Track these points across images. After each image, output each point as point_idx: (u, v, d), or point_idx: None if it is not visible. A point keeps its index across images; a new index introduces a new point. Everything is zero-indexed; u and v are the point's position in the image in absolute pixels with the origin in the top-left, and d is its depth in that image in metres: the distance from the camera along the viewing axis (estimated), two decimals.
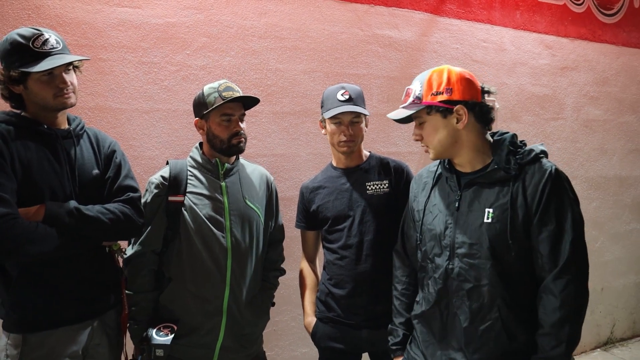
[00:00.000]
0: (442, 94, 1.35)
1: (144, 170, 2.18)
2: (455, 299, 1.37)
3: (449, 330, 1.39)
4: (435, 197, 1.47)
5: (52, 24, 2.00)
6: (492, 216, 1.32)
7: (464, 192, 1.39)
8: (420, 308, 1.48)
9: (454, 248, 1.37)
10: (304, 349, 2.56)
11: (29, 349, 1.37)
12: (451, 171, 1.44)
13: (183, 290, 1.64)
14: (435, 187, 1.48)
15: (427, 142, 1.41)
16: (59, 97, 1.42)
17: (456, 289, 1.37)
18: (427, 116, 1.38)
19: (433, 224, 1.44)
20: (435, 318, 1.43)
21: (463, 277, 1.35)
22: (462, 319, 1.36)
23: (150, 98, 2.23)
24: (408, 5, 2.88)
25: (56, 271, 1.41)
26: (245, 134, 1.72)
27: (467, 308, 1.34)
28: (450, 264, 1.38)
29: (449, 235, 1.39)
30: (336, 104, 1.77)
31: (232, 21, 2.38)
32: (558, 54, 3.47)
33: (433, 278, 1.42)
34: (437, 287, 1.41)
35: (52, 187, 1.40)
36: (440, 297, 1.41)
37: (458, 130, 1.37)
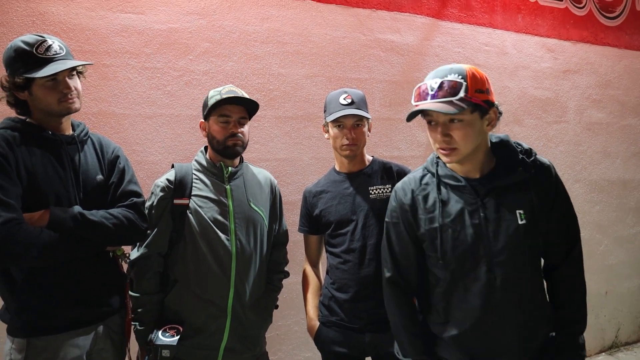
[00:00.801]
0: (484, 92, 1.26)
1: (147, 175, 2.19)
2: (502, 308, 1.29)
3: (500, 340, 1.31)
4: (449, 209, 1.35)
5: (56, 31, 2.02)
6: (523, 217, 1.29)
7: (486, 199, 1.32)
8: (459, 328, 1.34)
9: (492, 257, 1.29)
10: (307, 354, 2.55)
11: (33, 353, 1.37)
12: (458, 179, 1.35)
13: (188, 292, 1.65)
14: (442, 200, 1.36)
15: (460, 144, 1.27)
16: (63, 102, 1.43)
17: (502, 298, 1.29)
18: (469, 115, 1.26)
19: (459, 239, 1.32)
20: (477, 336, 1.32)
21: (508, 285, 1.29)
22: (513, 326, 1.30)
23: (154, 103, 2.24)
24: (410, 10, 2.89)
25: (60, 276, 1.41)
26: (243, 138, 1.71)
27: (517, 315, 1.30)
28: (491, 274, 1.29)
29: (483, 246, 1.30)
30: (338, 107, 1.78)
31: (235, 26, 2.40)
32: (560, 57, 3.47)
33: (471, 293, 1.32)
34: (479, 302, 1.30)
35: (56, 193, 1.41)
36: (484, 310, 1.30)
37: (484, 133, 1.31)
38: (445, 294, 1.38)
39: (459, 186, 1.35)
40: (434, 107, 1.26)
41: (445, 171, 1.38)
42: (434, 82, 1.28)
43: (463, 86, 1.25)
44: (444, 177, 1.38)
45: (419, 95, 1.32)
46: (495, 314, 1.30)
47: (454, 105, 1.24)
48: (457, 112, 1.24)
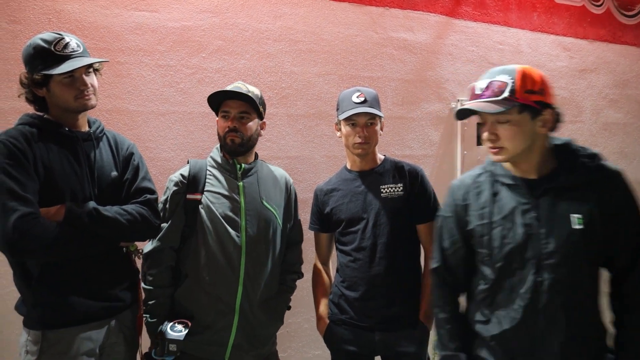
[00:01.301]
0: (536, 93, 1.25)
1: (160, 171, 2.21)
2: (548, 312, 1.27)
3: (541, 346, 1.28)
4: (502, 207, 1.34)
5: (71, 28, 2.04)
6: (581, 222, 1.25)
7: (540, 200, 1.30)
8: (499, 327, 1.33)
9: (542, 260, 1.27)
10: (317, 351, 2.56)
11: (47, 345, 1.39)
12: (514, 178, 1.34)
13: (197, 287, 1.66)
14: (495, 197, 1.36)
15: (506, 142, 1.28)
16: (80, 99, 1.45)
17: (549, 302, 1.27)
18: (517, 115, 1.26)
19: (508, 238, 1.31)
20: (522, 336, 1.30)
21: (557, 289, 1.26)
22: (558, 332, 1.27)
23: (167, 100, 2.26)
24: (423, 8, 2.87)
25: (75, 271, 1.43)
26: (242, 134, 1.68)
27: (565, 319, 1.26)
28: (539, 277, 1.27)
29: (532, 247, 1.28)
30: (351, 105, 1.78)
31: (247, 24, 2.40)
32: (576, 56, 3.42)
33: (517, 294, 1.30)
34: (523, 304, 1.29)
35: (72, 189, 1.43)
36: (528, 313, 1.29)
37: (537, 134, 1.29)
38: (490, 292, 1.37)
39: (513, 185, 1.34)
40: (477, 106, 1.28)
41: (501, 170, 1.38)
42: (483, 82, 1.31)
43: (509, 87, 1.25)
44: (499, 175, 1.37)
45: (470, 95, 1.35)
46: (540, 318, 1.28)
47: (497, 104, 1.25)
48: (499, 111, 1.24)
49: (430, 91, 2.91)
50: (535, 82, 1.27)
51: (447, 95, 2.96)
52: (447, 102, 2.96)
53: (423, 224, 1.85)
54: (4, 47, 1.97)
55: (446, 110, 2.96)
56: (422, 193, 1.86)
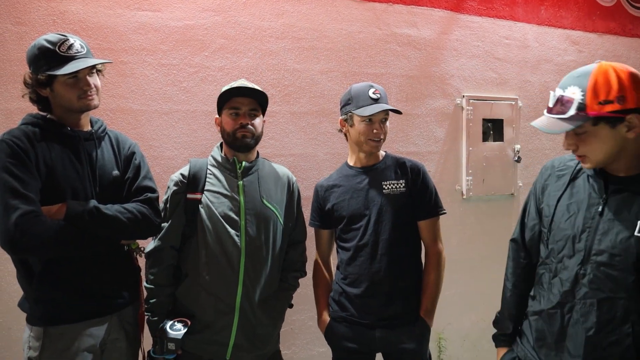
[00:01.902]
0: (612, 102, 1.19)
1: (163, 170, 2.23)
2: (582, 305, 1.29)
3: (569, 335, 1.32)
4: (573, 194, 1.36)
5: (75, 29, 2.07)
6: None
7: (611, 197, 1.28)
8: (539, 305, 1.40)
9: (590, 254, 1.28)
10: (321, 349, 2.56)
11: (49, 341, 1.42)
12: (597, 171, 1.32)
13: (198, 286, 1.67)
14: (573, 183, 1.37)
15: (587, 152, 1.27)
16: (83, 99, 1.47)
17: (585, 295, 1.28)
18: (591, 127, 1.23)
19: (567, 224, 1.34)
20: (555, 319, 1.35)
21: (596, 286, 1.27)
22: (586, 327, 1.28)
23: (170, 99, 2.27)
24: (427, 3, 2.84)
25: (77, 268, 1.46)
26: (253, 130, 1.70)
27: (596, 318, 1.26)
28: (583, 269, 1.29)
29: (585, 239, 1.30)
30: (369, 102, 1.77)
31: (250, 22, 2.41)
32: (585, 50, 3.36)
33: (559, 278, 1.34)
34: (562, 289, 1.33)
35: (73, 187, 1.46)
36: (564, 300, 1.33)
37: (626, 139, 1.23)
38: (540, 270, 1.43)
39: (593, 177, 1.33)
40: (541, 124, 1.29)
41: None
42: (555, 93, 1.29)
43: (576, 103, 1.22)
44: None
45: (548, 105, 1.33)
46: (575, 307, 1.31)
47: (565, 122, 1.23)
48: (560, 131, 1.24)
49: (435, 87, 2.88)
50: (611, 90, 1.19)
51: (452, 91, 2.93)
52: (452, 98, 2.93)
53: (424, 220, 1.85)
54: (9, 48, 2.00)
55: (451, 107, 2.93)
56: (423, 190, 1.85)
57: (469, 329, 3.02)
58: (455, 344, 2.97)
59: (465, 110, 2.93)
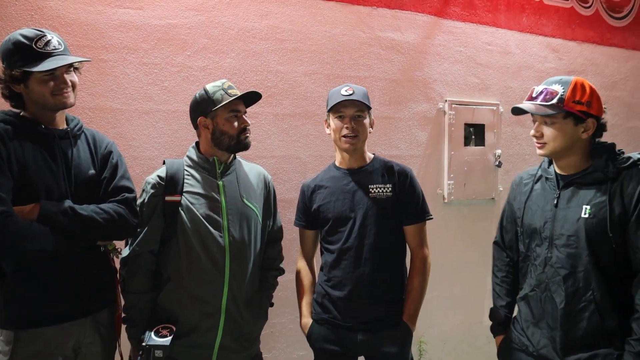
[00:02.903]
0: (582, 104, 1.48)
1: (143, 170, 2.19)
2: (552, 283, 1.53)
3: (546, 311, 1.55)
4: (535, 195, 1.64)
5: (54, 25, 2.02)
6: (589, 212, 1.47)
7: (563, 191, 1.55)
8: (524, 292, 1.65)
9: (553, 239, 1.54)
10: (302, 352, 2.55)
11: (21, 345, 1.38)
12: (550, 173, 1.61)
13: (181, 290, 1.64)
14: (534, 187, 1.66)
15: (549, 140, 1.53)
16: (58, 96, 1.44)
17: (553, 275, 1.53)
18: (561, 120, 1.50)
19: (533, 219, 1.60)
20: (535, 300, 1.59)
21: (560, 265, 1.52)
22: (558, 301, 1.51)
23: (151, 99, 2.24)
24: (411, 8, 2.86)
25: (50, 269, 1.42)
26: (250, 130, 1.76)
27: (563, 291, 1.50)
28: (549, 253, 1.54)
29: (547, 228, 1.56)
30: (339, 98, 1.77)
31: (233, 23, 2.39)
32: (565, 58, 3.43)
33: (534, 265, 1.60)
34: (537, 273, 1.58)
35: (47, 187, 1.42)
36: (539, 282, 1.57)
37: (579, 138, 1.51)
38: (522, 263, 1.69)
39: (548, 178, 1.62)
40: (528, 107, 1.54)
41: (546, 166, 1.66)
42: (541, 87, 1.55)
43: (559, 95, 1.49)
44: (543, 170, 1.66)
45: (528, 96, 1.58)
46: (545, 288, 1.55)
47: (546, 108, 1.50)
48: (545, 114, 1.49)
49: (418, 91, 2.90)
50: (585, 94, 1.49)
51: (435, 95, 2.96)
52: (435, 103, 2.96)
53: (411, 225, 1.85)
54: None
55: (433, 111, 2.96)
56: (411, 194, 1.84)
57: (450, 333, 3.04)
58: (436, 347, 2.99)
59: (448, 115, 2.96)
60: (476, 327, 3.11)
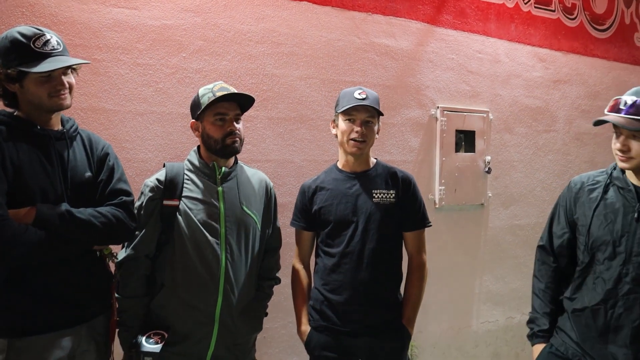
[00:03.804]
0: None
1: (137, 173, 2.15)
2: (625, 300, 1.49)
3: (612, 327, 1.51)
4: (607, 205, 1.57)
5: (46, 23, 1.97)
6: None
7: None
8: (582, 304, 1.58)
9: (631, 255, 1.49)
10: (294, 357, 2.53)
11: (14, 354, 1.33)
12: (627, 183, 1.56)
13: (175, 297, 1.60)
14: (606, 195, 1.60)
15: (637, 155, 1.50)
16: (54, 98, 1.40)
17: (629, 291, 1.49)
18: None
19: (605, 230, 1.54)
20: (599, 315, 1.54)
21: (638, 282, 1.48)
22: (632, 319, 1.48)
23: (145, 100, 2.20)
24: (405, 15, 2.89)
25: (45, 275, 1.38)
26: (240, 135, 1.68)
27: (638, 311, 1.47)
28: (625, 269, 1.50)
29: (625, 242, 1.51)
30: (353, 101, 1.75)
31: (230, 25, 2.37)
32: (551, 67, 3.51)
33: (601, 279, 1.54)
34: (605, 288, 1.52)
35: (43, 189, 1.38)
36: (607, 297, 1.52)
37: None
38: (581, 273, 1.61)
39: (625, 189, 1.56)
40: (620, 121, 1.49)
41: (618, 174, 1.60)
42: (629, 98, 1.51)
43: None
44: (615, 178, 1.60)
45: (612, 107, 1.54)
46: (618, 302, 1.51)
47: (636, 122, 1.46)
48: (634, 129, 1.45)
49: (411, 97, 2.93)
50: None
51: (427, 102, 2.99)
52: (427, 109, 2.99)
53: (411, 231, 1.86)
54: None
55: (426, 117, 2.99)
56: (413, 201, 1.85)
57: (439, 337, 3.07)
58: (425, 351, 3.01)
59: (440, 121, 2.99)
60: (465, 331, 3.15)
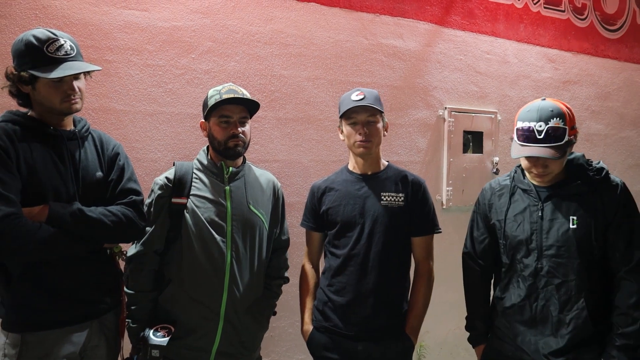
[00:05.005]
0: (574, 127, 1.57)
1: (146, 172, 2.18)
2: (544, 292, 1.58)
3: (539, 319, 1.60)
4: (515, 207, 1.67)
5: (59, 25, 2.01)
6: (576, 223, 1.54)
7: (545, 203, 1.61)
8: (510, 302, 1.67)
9: (542, 250, 1.59)
10: (301, 356, 2.55)
11: (27, 348, 1.36)
12: (529, 185, 1.65)
13: (181, 292, 1.63)
14: (512, 198, 1.69)
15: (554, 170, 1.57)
16: (66, 103, 1.43)
17: (545, 284, 1.58)
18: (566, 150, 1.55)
19: (518, 231, 1.64)
20: (525, 309, 1.62)
21: (552, 274, 1.57)
22: (552, 309, 1.57)
23: (155, 101, 2.23)
24: (413, 16, 2.89)
25: (57, 272, 1.41)
26: (244, 138, 1.69)
27: (557, 300, 1.56)
28: (539, 263, 1.59)
29: (535, 239, 1.60)
30: (351, 104, 1.74)
31: (238, 26, 2.40)
32: (561, 68, 3.49)
33: (522, 276, 1.64)
34: (527, 284, 1.62)
35: (55, 188, 1.41)
36: (530, 292, 1.61)
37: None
38: (505, 274, 1.70)
39: (527, 190, 1.65)
40: (544, 153, 1.51)
41: (519, 177, 1.69)
42: (538, 125, 1.53)
43: (566, 131, 1.52)
44: (517, 182, 1.69)
45: (524, 136, 1.55)
46: (537, 297, 1.60)
47: (559, 149, 1.51)
48: (558, 158, 1.51)
49: (418, 98, 2.93)
50: (573, 117, 1.55)
51: (435, 102, 2.99)
52: (435, 110, 2.99)
53: (419, 237, 1.83)
54: None
55: (433, 118, 2.99)
56: (422, 206, 1.82)
57: (446, 337, 3.07)
58: (433, 351, 3.01)
59: (447, 122, 2.99)
60: None
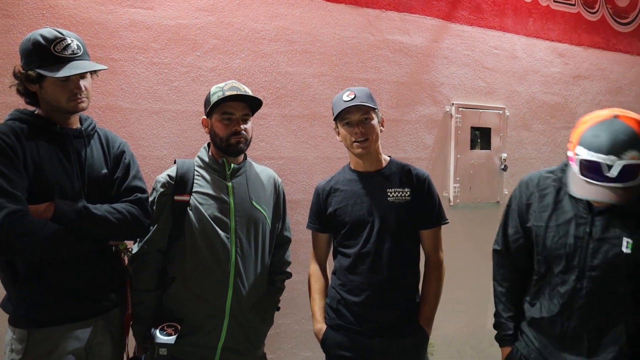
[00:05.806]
0: None
1: (152, 170, 2.19)
2: (581, 313, 1.44)
3: (570, 338, 1.47)
4: (559, 215, 1.49)
5: (65, 24, 2.02)
6: (631, 247, 1.37)
7: (596, 218, 1.42)
8: (539, 313, 1.55)
9: (585, 270, 1.42)
10: (307, 353, 2.55)
11: (33, 344, 1.38)
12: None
13: (186, 290, 1.64)
14: (558, 204, 1.50)
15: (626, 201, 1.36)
16: (72, 102, 1.44)
17: (582, 305, 1.43)
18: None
19: (559, 244, 1.47)
20: (556, 326, 1.50)
21: (592, 297, 1.42)
22: (588, 330, 1.43)
23: (160, 98, 2.24)
24: (419, 11, 2.87)
25: (63, 269, 1.42)
26: (246, 135, 1.69)
27: (594, 321, 1.42)
28: (579, 284, 1.44)
29: (578, 257, 1.44)
30: (342, 105, 1.74)
31: (243, 24, 2.40)
32: (571, 62, 3.44)
33: (557, 291, 1.49)
34: (561, 301, 1.48)
35: (61, 186, 1.42)
36: (563, 310, 1.47)
37: None
38: (537, 282, 1.57)
39: (576, 199, 1.45)
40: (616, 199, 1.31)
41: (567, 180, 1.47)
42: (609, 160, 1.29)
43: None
44: (565, 184, 1.48)
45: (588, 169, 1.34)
46: (573, 317, 1.46)
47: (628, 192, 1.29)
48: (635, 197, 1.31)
49: (425, 94, 2.91)
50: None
51: (442, 98, 2.96)
52: (442, 106, 2.97)
53: (427, 229, 1.82)
54: None
55: (440, 114, 2.97)
56: (428, 199, 1.81)
57: (454, 335, 3.05)
58: (440, 349, 2.99)
59: (454, 118, 2.97)
60: (480, 330, 3.12)
